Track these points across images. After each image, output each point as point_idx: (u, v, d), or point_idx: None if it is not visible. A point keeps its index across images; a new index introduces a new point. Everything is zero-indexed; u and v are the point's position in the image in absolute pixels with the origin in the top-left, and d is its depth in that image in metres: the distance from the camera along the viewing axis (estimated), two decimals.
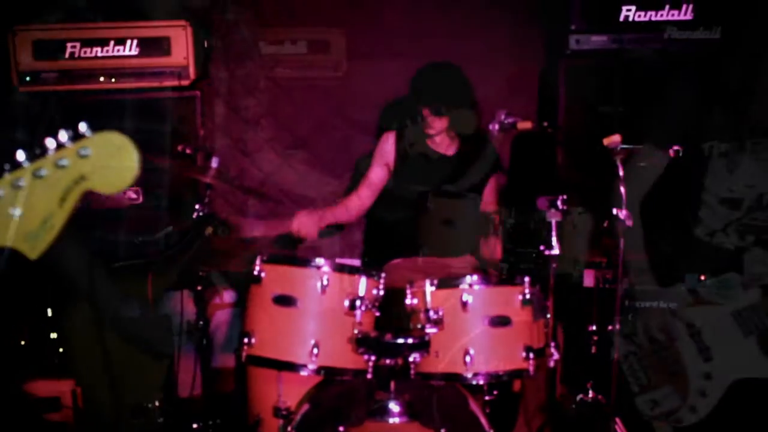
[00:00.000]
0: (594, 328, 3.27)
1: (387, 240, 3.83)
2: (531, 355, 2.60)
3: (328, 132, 4.70)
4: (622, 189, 2.69)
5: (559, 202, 2.72)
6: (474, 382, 2.57)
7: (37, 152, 1.28)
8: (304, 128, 4.76)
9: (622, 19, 3.98)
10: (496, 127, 3.16)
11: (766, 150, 2.50)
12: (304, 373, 2.57)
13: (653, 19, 3.95)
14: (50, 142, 1.27)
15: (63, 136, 1.27)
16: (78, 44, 3.92)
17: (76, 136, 1.27)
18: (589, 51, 4.06)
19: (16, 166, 1.27)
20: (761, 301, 2.50)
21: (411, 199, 3.64)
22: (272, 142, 4.76)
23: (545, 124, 3.15)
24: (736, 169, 2.55)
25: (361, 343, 2.52)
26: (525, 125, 3.14)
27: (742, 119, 2.39)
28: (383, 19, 4.62)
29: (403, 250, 3.62)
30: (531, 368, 2.60)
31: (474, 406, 2.92)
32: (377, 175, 3.78)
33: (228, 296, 4.22)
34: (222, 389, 3.90)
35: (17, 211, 1.26)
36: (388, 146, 3.76)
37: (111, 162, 1.26)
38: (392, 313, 2.78)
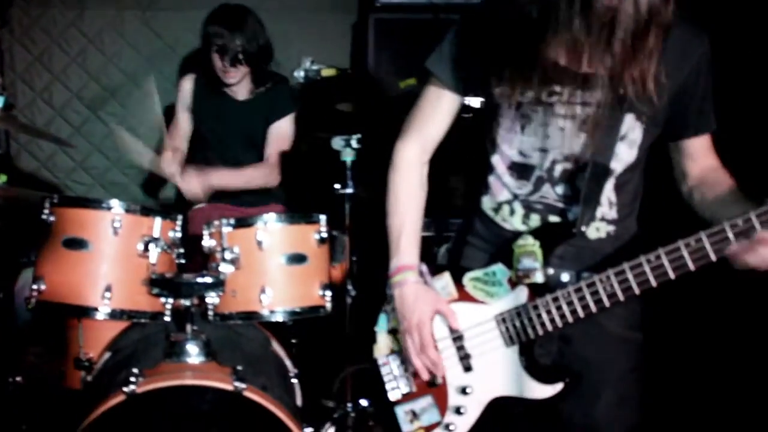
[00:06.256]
0: None
1: None
2: (327, 292, 2.67)
3: (139, 83, 4.58)
4: None
5: (354, 142, 2.79)
6: (272, 320, 2.61)
7: None
8: (115, 79, 4.61)
9: None
10: (302, 73, 3.19)
11: (567, 104, 1.89)
12: (97, 317, 2.51)
13: None
14: None
15: None
16: None
17: None
18: (398, 5, 4.15)
19: None
20: (530, 304, 1.97)
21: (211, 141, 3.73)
22: (80, 93, 4.59)
23: (349, 71, 3.20)
24: (528, 125, 1.97)
25: (156, 284, 2.50)
26: (329, 73, 3.19)
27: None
28: None
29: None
30: (328, 305, 2.67)
31: (277, 347, 2.97)
32: (183, 120, 3.77)
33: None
34: (27, 347, 3.77)
35: None
36: (185, 90, 3.78)
37: None
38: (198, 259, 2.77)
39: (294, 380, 2.87)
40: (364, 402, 3.14)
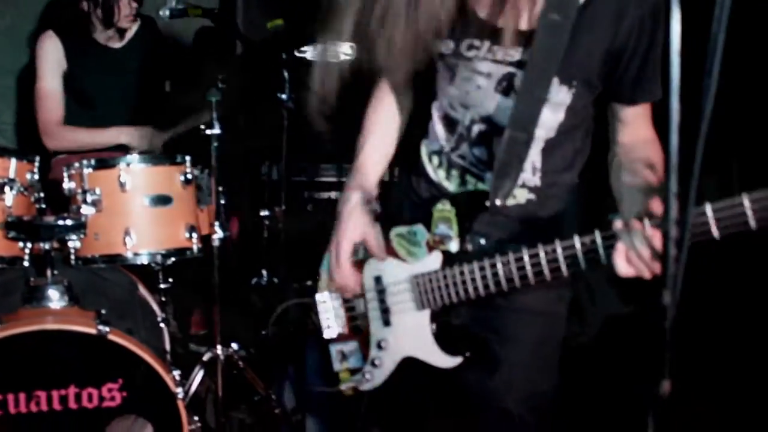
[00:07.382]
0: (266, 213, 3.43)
1: None
2: (194, 234, 2.65)
3: None
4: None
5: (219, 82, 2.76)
6: (137, 263, 2.58)
7: None
8: None
9: None
10: (167, 12, 3.11)
11: (484, 60, 1.79)
12: None
13: None
14: None
15: None
16: None
17: None
18: None
19: None
20: (441, 272, 1.88)
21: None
22: None
23: (216, 11, 3.15)
24: (454, 78, 1.85)
25: (12, 227, 2.40)
26: (195, 12, 3.12)
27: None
28: None
29: None
30: (194, 247, 2.66)
31: (144, 292, 2.93)
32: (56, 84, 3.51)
33: None
34: None
35: None
36: (55, 50, 3.47)
37: None
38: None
39: (162, 324, 2.85)
40: (234, 346, 3.15)
